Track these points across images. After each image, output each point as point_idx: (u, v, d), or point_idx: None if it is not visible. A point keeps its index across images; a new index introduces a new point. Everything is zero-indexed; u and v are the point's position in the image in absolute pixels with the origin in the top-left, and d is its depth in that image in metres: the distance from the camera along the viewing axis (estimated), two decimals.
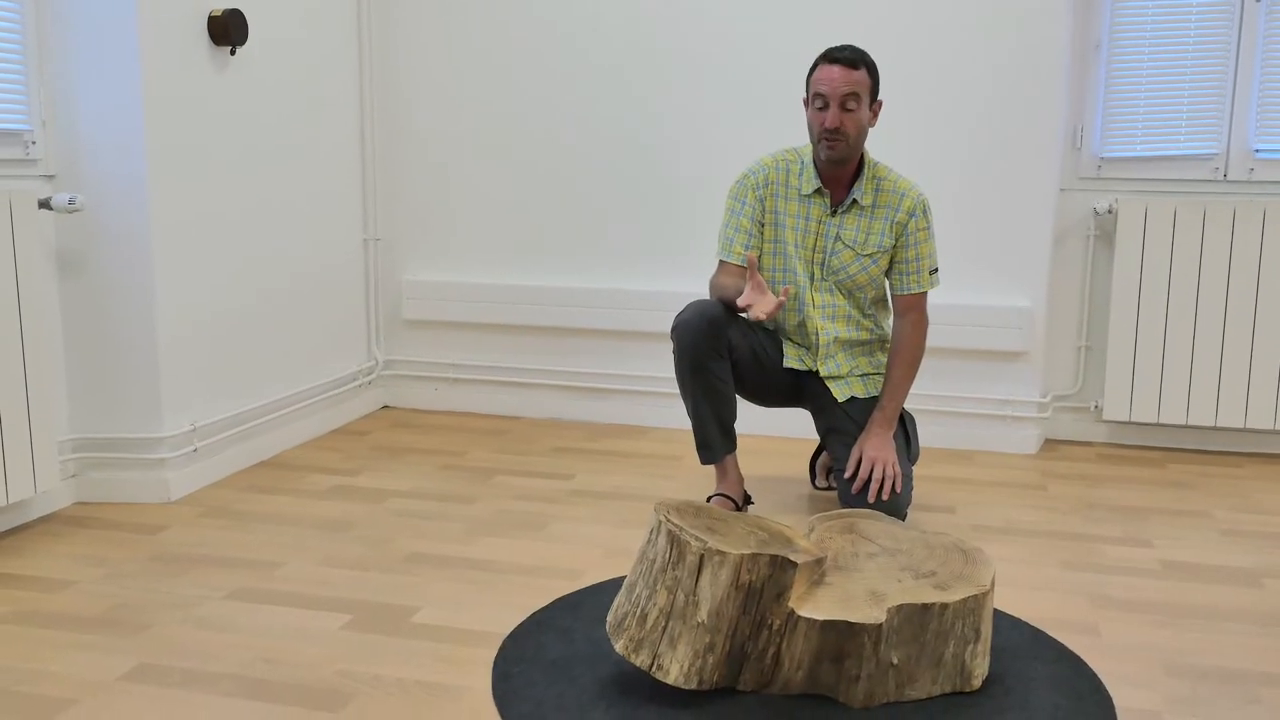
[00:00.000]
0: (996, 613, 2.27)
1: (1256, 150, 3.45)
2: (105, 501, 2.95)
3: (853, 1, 3.52)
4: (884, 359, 2.91)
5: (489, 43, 3.84)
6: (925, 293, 2.81)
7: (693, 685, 1.84)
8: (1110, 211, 3.54)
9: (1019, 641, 2.13)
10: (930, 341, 3.55)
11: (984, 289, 3.55)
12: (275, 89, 3.39)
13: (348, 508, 2.93)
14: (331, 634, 2.15)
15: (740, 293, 2.67)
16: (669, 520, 1.87)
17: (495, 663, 2.03)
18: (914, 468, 3.35)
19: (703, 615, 1.82)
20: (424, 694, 1.92)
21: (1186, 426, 3.61)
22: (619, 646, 1.86)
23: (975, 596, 1.88)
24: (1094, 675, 2.00)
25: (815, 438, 3.67)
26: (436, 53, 3.89)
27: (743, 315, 2.77)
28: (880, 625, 1.82)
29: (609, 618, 1.92)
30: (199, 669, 2.00)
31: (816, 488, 3.15)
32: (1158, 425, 3.64)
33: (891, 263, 2.82)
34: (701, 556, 1.81)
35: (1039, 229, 3.49)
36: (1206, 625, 2.25)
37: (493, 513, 2.90)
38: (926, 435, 3.63)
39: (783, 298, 2.50)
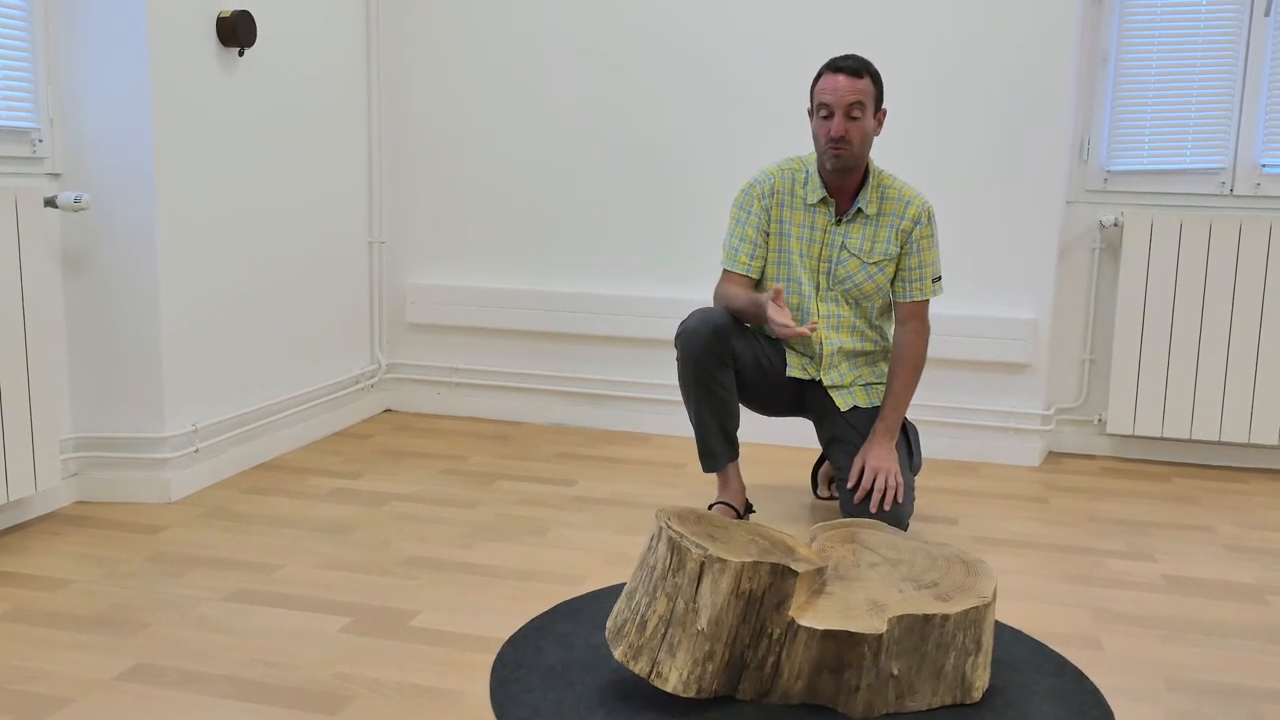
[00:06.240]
0: (998, 625, 2.26)
1: (1263, 165, 3.44)
2: (105, 501, 2.95)
3: (862, 14, 3.52)
4: (887, 369, 2.90)
5: (497, 46, 3.85)
6: (927, 301, 2.80)
7: (691, 693, 1.83)
8: (1116, 224, 3.53)
9: (1020, 654, 2.12)
10: (934, 352, 3.55)
11: (989, 300, 3.55)
12: (282, 91, 3.39)
13: (348, 511, 2.92)
14: (330, 637, 2.15)
15: (749, 302, 2.68)
16: (670, 527, 1.86)
17: (494, 668, 2.02)
18: (916, 478, 3.35)
19: (702, 623, 1.81)
20: (422, 698, 1.91)
21: (1190, 441, 3.60)
22: (618, 653, 1.85)
23: (977, 608, 1.87)
24: (1095, 689, 1.99)
25: (818, 447, 3.66)
26: (444, 56, 3.90)
27: (769, 330, 2.74)
28: (881, 636, 1.81)
29: (608, 624, 1.92)
30: (196, 670, 2.00)
31: (818, 497, 3.14)
32: (1162, 439, 3.63)
33: (895, 270, 2.81)
34: (702, 564, 1.81)
35: (1045, 241, 3.49)
36: (1209, 640, 2.24)
37: (493, 517, 2.89)
38: (930, 446, 3.62)
39: (808, 330, 2.49)
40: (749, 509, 2.87)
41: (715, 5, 3.64)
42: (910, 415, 3.61)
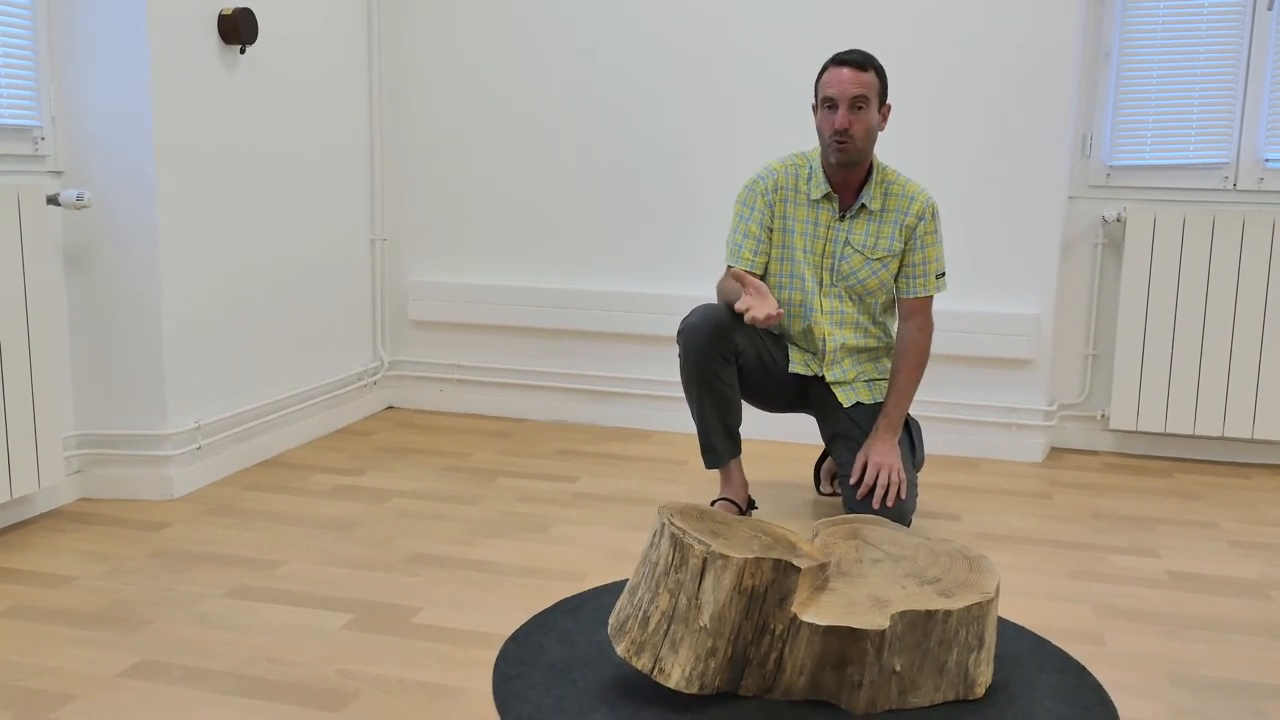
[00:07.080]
0: (1001, 621, 2.26)
1: (1267, 159, 3.44)
2: (109, 498, 2.95)
3: (862, 13, 3.52)
4: (890, 365, 2.90)
5: (498, 44, 3.85)
6: (931, 297, 2.80)
7: (694, 689, 1.83)
8: (1119, 220, 3.52)
9: (1023, 650, 2.12)
10: (937, 348, 3.55)
11: (992, 296, 3.54)
12: (284, 88, 3.39)
13: (351, 508, 2.92)
14: (333, 633, 2.15)
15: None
16: (672, 523, 1.86)
17: (496, 664, 2.02)
18: (919, 474, 3.34)
19: (705, 619, 1.81)
20: (424, 695, 1.91)
21: (1194, 436, 3.59)
22: (620, 649, 1.85)
23: (979, 604, 1.87)
24: (1098, 685, 1.99)
25: (820, 443, 3.66)
26: (445, 54, 3.90)
27: (744, 320, 2.75)
28: (883, 632, 1.81)
29: (611, 620, 1.92)
30: (199, 666, 2.00)
31: (821, 493, 3.14)
32: (1165, 435, 3.62)
33: (898, 266, 2.81)
34: (704, 560, 1.81)
35: (1047, 237, 3.48)
36: (1212, 636, 2.24)
37: (496, 514, 2.89)
38: (932, 442, 3.62)
39: (780, 311, 2.47)
40: (751, 505, 2.87)
41: (715, 5, 3.64)
42: (913, 411, 3.60)
